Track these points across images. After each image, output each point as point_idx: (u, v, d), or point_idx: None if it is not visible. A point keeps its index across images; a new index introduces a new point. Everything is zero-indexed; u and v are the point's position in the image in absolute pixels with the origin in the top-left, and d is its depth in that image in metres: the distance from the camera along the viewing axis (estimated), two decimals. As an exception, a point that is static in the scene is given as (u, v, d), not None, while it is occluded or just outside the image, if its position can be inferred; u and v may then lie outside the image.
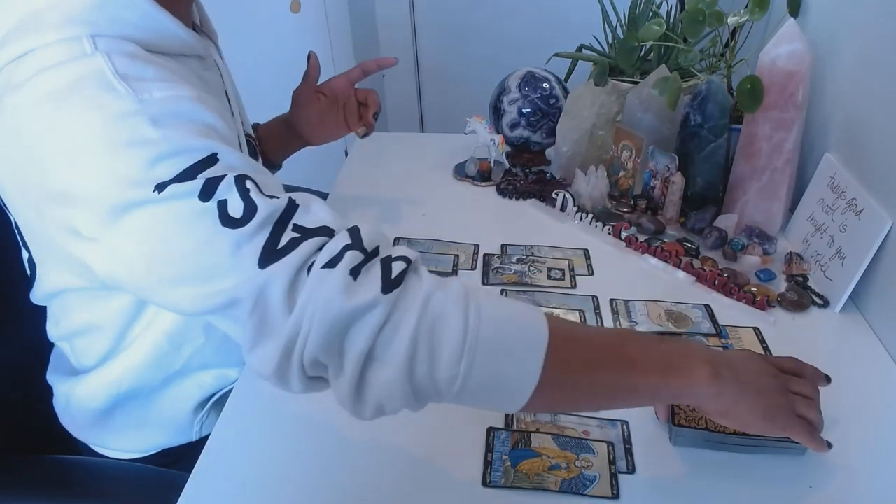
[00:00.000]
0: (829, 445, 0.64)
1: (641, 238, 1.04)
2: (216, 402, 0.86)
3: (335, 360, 0.50)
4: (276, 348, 0.49)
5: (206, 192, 0.51)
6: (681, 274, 0.98)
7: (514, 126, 1.26)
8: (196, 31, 0.76)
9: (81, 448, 0.85)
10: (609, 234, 1.07)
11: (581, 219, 1.11)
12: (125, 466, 0.84)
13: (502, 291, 0.94)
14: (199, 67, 0.71)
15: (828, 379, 0.67)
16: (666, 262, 1.00)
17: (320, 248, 0.51)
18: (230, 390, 0.86)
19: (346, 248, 0.51)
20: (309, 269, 0.50)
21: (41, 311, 0.80)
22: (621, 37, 1.19)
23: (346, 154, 1.46)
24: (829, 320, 0.89)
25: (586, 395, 0.57)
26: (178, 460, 0.87)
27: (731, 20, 1.07)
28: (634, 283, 0.97)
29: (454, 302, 0.51)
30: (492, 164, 1.25)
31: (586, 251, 1.04)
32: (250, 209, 0.51)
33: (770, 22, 1.20)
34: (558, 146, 1.21)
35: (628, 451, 0.70)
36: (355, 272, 0.50)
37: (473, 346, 0.49)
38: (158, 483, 0.82)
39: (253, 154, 0.81)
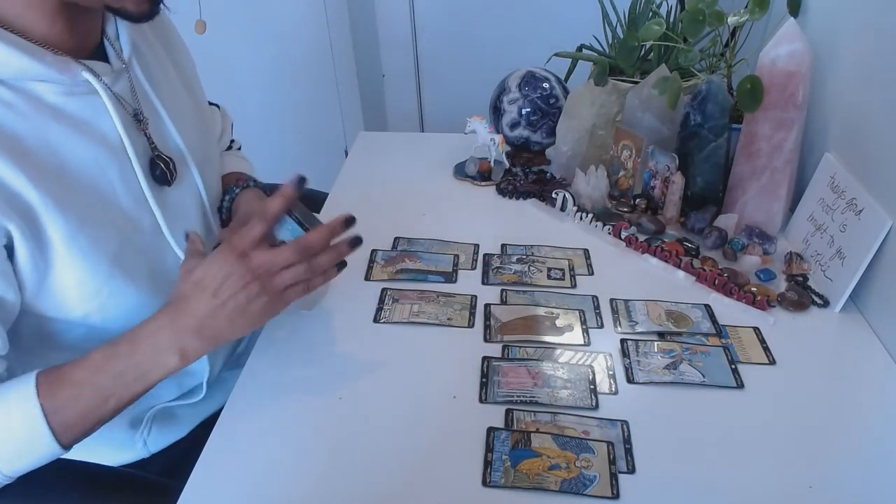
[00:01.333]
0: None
1: (641, 238, 1.04)
2: (155, 418, 0.86)
3: None
4: None
5: None
6: (681, 274, 0.98)
7: (514, 126, 1.26)
8: (109, 43, 0.74)
9: None
10: (609, 233, 1.07)
11: (581, 219, 1.11)
12: (115, 472, 0.84)
13: (502, 291, 0.95)
14: (58, 93, 0.67)
15: (348, 223, 0.72)
16: (666, 261, 1.00)
17: None
18: (165, 407, 0.86)
19: None
20: None
21: None
22: (621, 37, 1.19)
23: (346, 154, 1.46)
24: (829, 320, 0.89)
25: (106, 420, 0.67)
26: (169, 470, 0.87)
27: (731, 20, 1.07)
28: (634, 282, 0.97)
29: None
30: (492, 163, 1.25)
31: (586, 251, 1.04)
32: None
33: (770, 22, 1.20)
34: (558, 146, 1.21)
35: (628, 451, 0.70)
36: None
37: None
38: (148, 490, 0.82)
39: (163, 176, 0.76)
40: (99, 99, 0.70)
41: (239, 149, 1.12)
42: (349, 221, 0.70)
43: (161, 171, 0.76)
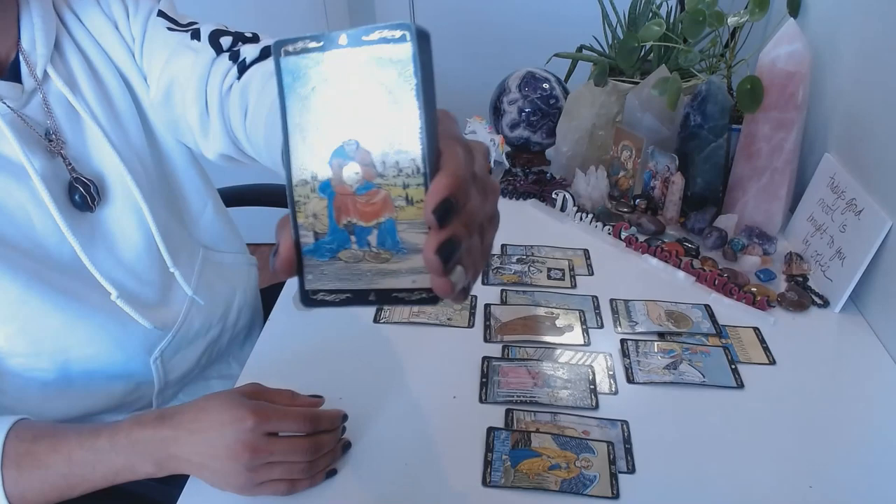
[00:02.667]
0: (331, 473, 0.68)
1: (641, 238, 1.04)
2: None
3: None
4: None
5: None
6: (681, 274, 0.98)
7: (514, 126, 1.26)
8: (24, 58, 0.69)
9: None
10: (609, 234, 1.07)
11: (581, 219, 1.11)
12: None
13: (502, 291, 0.95)
14: None
15: (343, 419, 0.69)
16: (666, 262, 1.00)
17: None
18: None
19: None
20: None
21: None
22: (621, 37, 1.19)
23: (347, 154, 1.46)
24: (829, 320, 0.89)
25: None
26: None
27: (731, 20, 1.07)
28: (634, 283, 0.97)
29: None
30: (492, 164, 1.25)
31: (586, 251, 1.04)
32: None
33: (770, 22, 1.20)
34: (558, 146, 1.21)
35: (628, 451, 0.70)
36: None
37: None
38: (143, 498, 0.81)
39: (84, 201, 0.71)
40: None
41: (256, 57, 0.76)
42: (345, 418, 0.69)
43: (80, 195, 0.70)
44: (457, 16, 2.23)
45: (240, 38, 0.78)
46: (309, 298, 0.35)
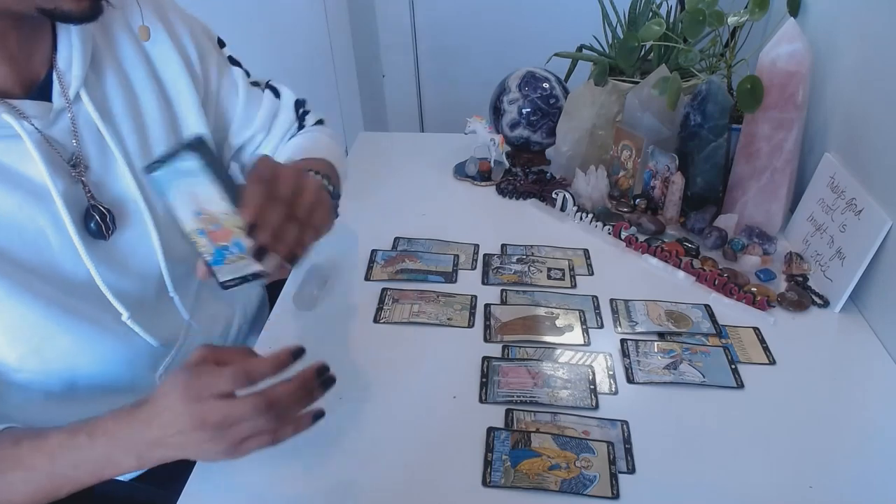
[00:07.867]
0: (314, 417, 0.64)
1: (641, 238, 1.04)
2: None
3: None
4: None
5: None
6: (681, 274, 0.98)
7: (514, 126, 1.26)
8: (58, 77, 0.67)
9: None
10: (609, 234, 1.07)
11: (581, 219, 1.11)
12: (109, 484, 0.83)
13: (502, 291, 0.95)
14: None
15: (293, 355, 0.64)
16: (666, 262, 1.00)
17: None
18: None
19: None
20: None
21: None
22: (621, 37, 1.19)
23: (346, 154, 1.46)
24: (829, 320, 0.89)
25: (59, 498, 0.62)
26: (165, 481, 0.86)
27: (731, 20, 1.07)
28: (634, 283, 0.97)
29: None
30: (492, 164, 1.25)
31: (586, 251, 1.04)
32: None
33: (770, 22, 1.20)
34: (558, 146, 1.21)
35: (628, 451, 0.70)
36: None
37: None
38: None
39: (98, 230, 0.70)
40: (24, 143, 0.64)
41: (320, 122, 1.01)
42: (297, 353, 0.63)
43: (96, 223, 0.70)
44: (457, 16, 2.23)
45: (300, 105, 1.02)
46: (224, 286, 0.64)
